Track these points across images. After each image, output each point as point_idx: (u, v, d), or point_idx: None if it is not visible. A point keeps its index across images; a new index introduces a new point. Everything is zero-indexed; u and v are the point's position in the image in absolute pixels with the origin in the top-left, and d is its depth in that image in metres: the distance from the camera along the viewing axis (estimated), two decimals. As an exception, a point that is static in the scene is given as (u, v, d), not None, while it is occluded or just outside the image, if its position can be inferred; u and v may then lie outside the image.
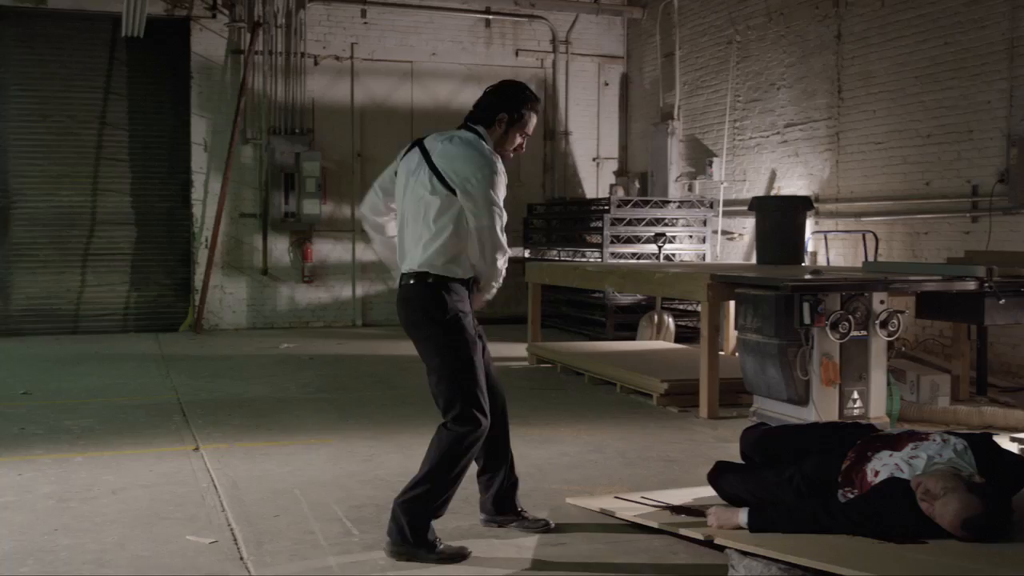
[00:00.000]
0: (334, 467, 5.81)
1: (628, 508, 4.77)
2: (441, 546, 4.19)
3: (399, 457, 6.02)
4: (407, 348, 11.56)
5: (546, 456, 6.09)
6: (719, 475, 4.80)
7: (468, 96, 14.60)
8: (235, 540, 4.44)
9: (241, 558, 4.21)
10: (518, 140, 4.43)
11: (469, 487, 5.25)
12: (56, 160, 13.20)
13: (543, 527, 4.55)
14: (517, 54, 14.93)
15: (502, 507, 4.62)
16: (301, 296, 14.00)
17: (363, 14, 14.19)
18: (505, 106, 4.38)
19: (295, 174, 13.58)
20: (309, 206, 13.49)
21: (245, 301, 13.77)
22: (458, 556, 4.17)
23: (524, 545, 4.37)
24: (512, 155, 4.47)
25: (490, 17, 14.73)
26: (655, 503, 4.79)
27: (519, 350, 10.81)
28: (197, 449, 6.28)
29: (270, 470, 5.73)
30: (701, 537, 4.27)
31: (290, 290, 13.95)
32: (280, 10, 13.73)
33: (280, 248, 13.91)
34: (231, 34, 13.65)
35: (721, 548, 4.15)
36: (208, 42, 13.58)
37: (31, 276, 13.12)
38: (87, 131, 13.35)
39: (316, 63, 14.00)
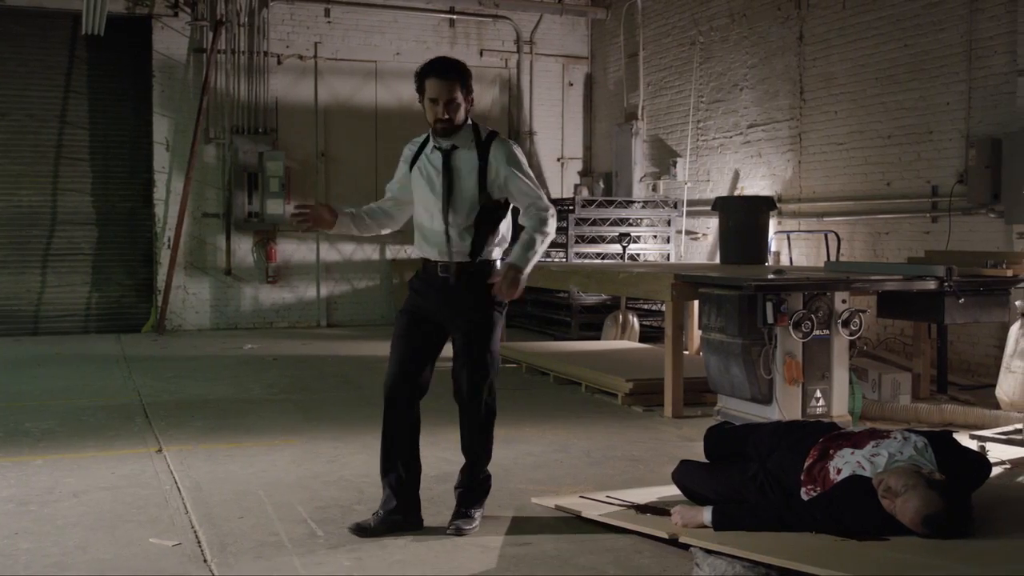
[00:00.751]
0: (298, 468, 5.78)
1: (593, 507, 4.79)
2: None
3: (364, 457, 6.00)
4: (372, 348, 11.58)
5: (511, 456, 6.09)
6: (683, 474, 4.83)
7: (433, 96, 14.66)
8: (199, 542, 4.41)
9: (205, 560, 4.18)
10: (429, 109, 4.50)
11: (435, 487, 5.25)
12: (15, 159, 13.03)
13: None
14: (481, 54, 14.92)
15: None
16: (265, 296, 13.92)
17: (327, 13, 14.13)
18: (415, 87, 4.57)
19: (258, 174, 13.50)
20: (273, 206, 13.41)
21: (208, 302, 13.67)
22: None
23: (489, 545, 4.37)
24: (440, 127, 4.49)
25: (454, 17, 14.71)
26: (620, 502, 4.81)
27: (484, 350, 10.79)
28: (160, 451, 6.23)
29: (234, 471, 5.69)
30: (666, 536, 4.29)
31: (254, 290, 13.86)
32: (243, 9, 13.64)
33: (244, 248, 13.82)
34: (193, 32, 13.54)
35: (686, 547, 4.17)
36: (170, 40, 13.46)
37: (10, 277, 12.93)
38: (46, 130, 13.20)
39: (279, 62, 13.93)
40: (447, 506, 4.89)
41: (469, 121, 4.58)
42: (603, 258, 12.54)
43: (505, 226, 4.64)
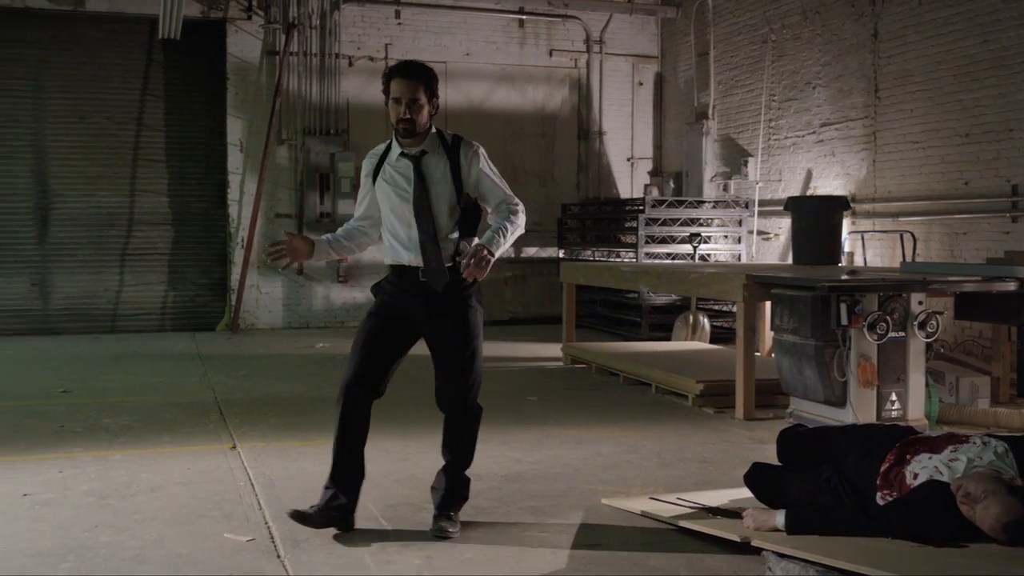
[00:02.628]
0: (368, 466, 5.77)
1: (664, 509, 4.76)
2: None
3: (433, 456, 6.00)
4: (441, 348, 11.54)
5: (581, 456, 6.08)
6: (755, 476, 4.77)
7: (502, 96, 14.74)
8: (272, 538, 4.47)
9: (278, 556, 4.24)
10: (392, 110, 4.52)
11: (505, 487, 5.27)
12: (94, 161, 13.34)
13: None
14: (551, 54, 14.92)
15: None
16: (336, 296, 14.06)
17: (397, 15, 14.23)
18: None
19: (330, 174, 13.66)
20: (344, 206, 13.53)
21: (281, 301, 13.86)
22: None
23: (559, 546, 4.36)
24: (403, 127, 4.50)
25: (524, 17, 14.73)
26: (691, 504, 4.77)
27: (554, 350, 10.81)
28: (234, 447, 6.32)
29: (306, 468, 5.76)
30: (737, 539, 4.25)
31: (325, 290, 14.02)
32: (315, 11, 13.81)
33: (315, 248, 13.93)
34: (266, 35, 13.74)
35: (758, 550, 4.13)
36: (244, 43, 13.67)
37: (70, 276, 13.27)
38: (124, 132, 13.49)
39: (350, 64, 14.06)
40: (517, 506, 4.92)
41: (433, 128, 4.59)
42: (673, 258, 12.46)
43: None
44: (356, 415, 4.57)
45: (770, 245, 12.47)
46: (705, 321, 11.15)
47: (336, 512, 4.51)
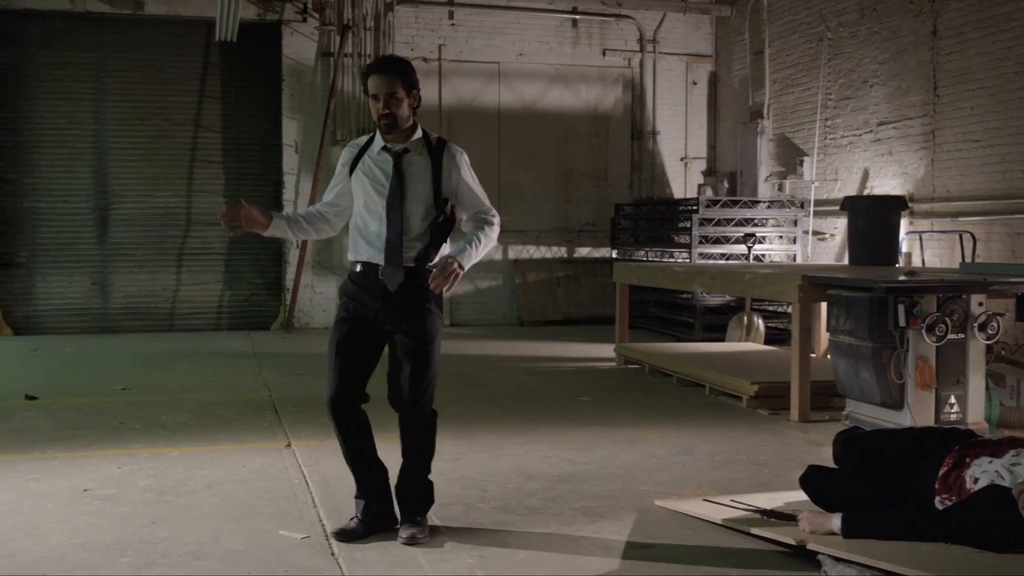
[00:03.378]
0: (422, 465, 5.84)
1: (718, 511, 4.72)
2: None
3: (486, 456, 6.05)
4: (494, 348, 11.66)
5: (634, 457, 6.06)
6: (811, 479, 4.72)
7: (555, 96, 14.73)
8: (326, 535, 4.51)
9: (332, 554, 4.27)
10: (373, 107, 4.47)
11: (558, 487, 5.26)
12: (152, 162, 13.54)
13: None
14: (604, 54, 14.89)
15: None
16: (389, 296, 14.10)
17: (450, 15, 14.28)
18: None
19: (384, 175, 13.70)
20: (397, 206, 13.60)
21: (335, 300, 13.95)
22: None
23: (612, 547, 4.35)
24: (384, 122, 4.45)
25: (577, 17, 14.71)
26: (745, 507, 4.73)
27: (606, 351, 10.79)
28: (289, 445, 6.38)
29: (360, 467, 5.78)
30: (793, 542, 4.21)
31: (378, 290, 14.06)
32: (369, 13, 13.89)
33: (369, 248, 14.02)
34: (321, 37, 13.85)
35: (813, 554, 4.08)
36: (299, 45, 13.80)
37: (129, 275, 13.48)
38: (182, 133, 13.67)
39: (405, 65, 14.09)
40: (570, 507, 4.91)
41: (419, 127, 4.55)
42: (728, 259, 12.37)
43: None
44: (351, 428, 4.52)
45: (826, 245, 12.34)
46: (759, 322, 11.06)
47: (374, 518, 4.51)
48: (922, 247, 10.46)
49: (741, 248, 12.16)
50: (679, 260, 12.71)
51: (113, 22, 13.33)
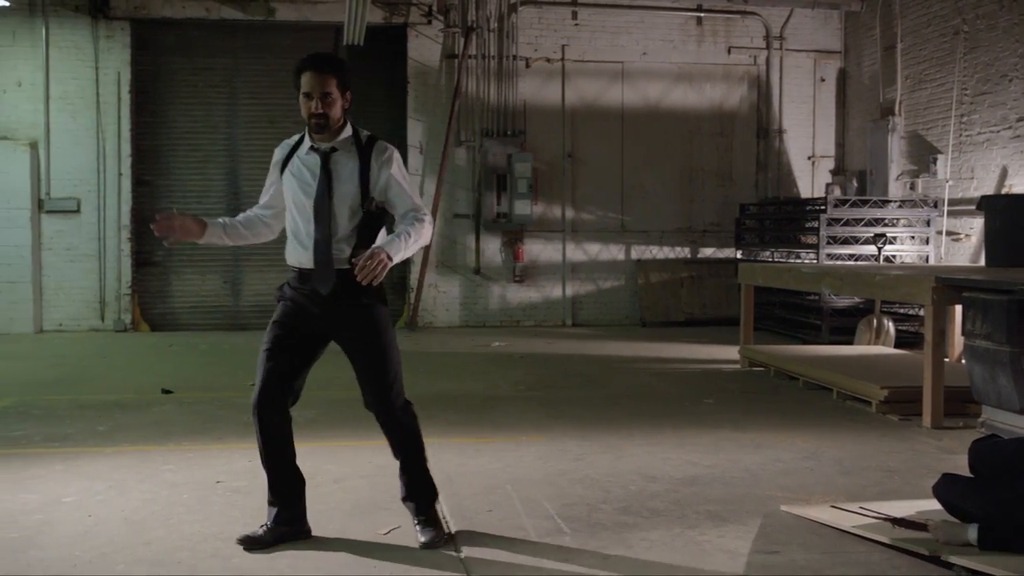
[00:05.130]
0: (545, 465, 5.87)
1: (846, 518, 4.62)
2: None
3: (610, 457, 6.03)
4: (616, 348, 11.62)
5: (759, 461, 5.96)
6: (946, 488, 4.56)
7: (679, 96, 14.60)
8: (449, 533, 4.55)
9: (455, 549, 4.31)
10: (304, 105, 4.35)
11: (682, 490, 5.21)
12: (283, 164, 13.85)
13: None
14: (729, 51, 14.69)
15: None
16: (512, 295, 14.22)
17: (574, 16, 14.28)
18: None
19: (507, 175, 13.83)
20: (521, 207, 13.70)
21: (458, 300, 14.10)
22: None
23: (737, 551, 4.29)
24: (315, 122, 4.33)
25: (702, 15, 14.55)
26: (875, 514, 4.61)
27: (730, 353, 10.64)
28: (413, 443, 6.45)
29: (482, 465, 5.84)
30: (925, 552, 4.08)
31: (502, 289, 14.19)
32: (493, 14, 14.00)
33: (492, 248, 14.17)
34: (445, 39, 14.01)
35: (948, 565, 3.96)
36: (424, 48, 13.99)
37: (259, 274, 13.86)
38: (311, 136, 13.96)
39: (528, 65, 14.19)
40: (694, 510, 4.87)
41: (348, 124, 4.42)
42: (856, 260, 12.07)
43: (383, 235, 4.40)
44: (274, 433, 4.42)
45: (960, 246, 11.93)
46: (890, 325, 10.76)
47: (286, 527, 4.41)
48: (1064, 248, 10.02)
49: (871, 249, 11.85)
50: (806, 261, 12.45)
51: (245, 28, 13.74)
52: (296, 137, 4.53)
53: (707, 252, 14.74)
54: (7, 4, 12.67)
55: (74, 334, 13.12)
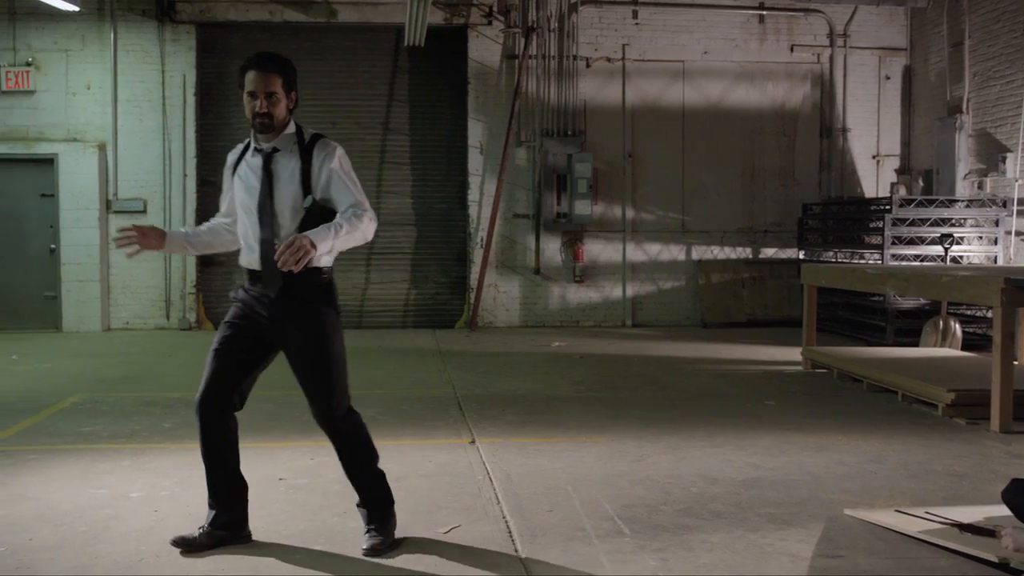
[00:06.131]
0: (604, 465, 5.85)
1: (911, 523, 4.54)
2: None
3: (670, 458, 5.99)
4: (677, 349, 11.55)
5: (822, 464, 5.89)
6: (1014, 493, 4.48)
7: (740, 94, 14.48)
8: (509, 532, 4.56)
9: (516, 550, 4.31)
10: (248, 104, 4.24)
11: (743, 492, 5.16)
12: (344, 164, 13.99)
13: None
14: (792, 50, 14.53)
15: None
16: (572, 295, 14.20)
17: (634, 15, 14.22)
18: None
19: (567, 175, 13.81)
20: (581, 207, 13.67)
21: (518, 300, 14.12)
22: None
23: (800, 555, 4.24)
24: (259, 121, 4.23)
25: (764, 13, 14.41)
26: (941, 519, 4.53)
27: (792, 354, 10.53)
28: (473, 442, 6.48)
29: (542, 465, 5.83)
30: (995, 559, 4.00)
31: (561, 289, 14.18)
32: (553, 14, 13.99)
33: (552, 248, 14.16)
34: (506, 40, 14.03)
35: (1018, 572, 3.88)
36: (484, 48, 14.02)
37: (320, 274, 13.98)
38: (372, 136, 14.11)
39: (588, 65, 14.16)
40: (756, 512, 4.83)
41: (292, 123, 4.33)
42: (922, 260, 11.88)
43: None
44: (215, 434, 4.33)
45: (1030, 246, 11.70)
46: (956, 327, 10.57)
47: (224, 531, 4.38)
48: None
49: (937, 249, 11.65)
50: (870, 261, 12.28)
51: (308, 30, 13.88)
52: (246, 141, 4.45)
53: (768, 252, 14.60)
54: (77, 9, 12.92)
55: (140, 332, 13.37)
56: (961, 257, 11.96)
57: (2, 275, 13.53)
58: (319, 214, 4.24)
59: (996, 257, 11.97)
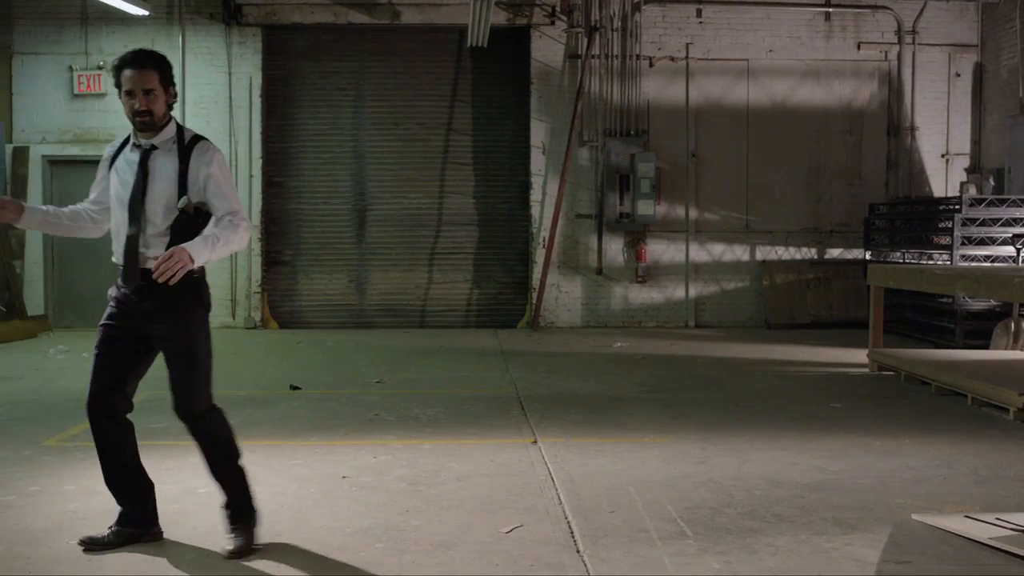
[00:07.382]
0: (667, 467, 5.82)
1: (981, 529, 4.46)
2: None
3: (734, 460, 5.94)
4: (740, 350, 11.47)
5: (889, 468, 5.80)
6: (1089, 499, 4.38)
7: (805, 93, 14.33)
8: (571, 533, 4.55)
9: (577, 551, 4.30)
10: (127, 104, 4.21)
11: (808, 495, 5.10)
12: (407, 165, 14.11)
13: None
14: (859, 47, 14.33)
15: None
16: (634, 296, 14.14)
17: (698, 14, 14.13)
18: None
19: (630, 175, 13.77)
20: (643, 207, 13.62)
21: (580, 300, 14.09)
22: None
23: (866, 560, 4.18)
24: (139, 120, 4.21)
25: (830, 10, 14.23)
26: (1013, 526, 4.44)
27: (858, 356, 10.39)
28: (535, 442, 6.48)
29: (604, 466, 5.82)
30: (1068, 566, 3.91)
31: (623, 290, 14.13)
32: (616, 14, 13.96)
33: (614, 248, 14.12)
34: (568, 39, 14.02)
35: (1092, 580, 3.79)
36: (547, 48, 14.02)
37: (384, 273, 14.12)
38: (435, 137, 14.18)
39: (651, 64, 14.10)
40: (820, 516, 4.77)
41: (172, 122, 4.31)
42: (993, 261, 11.64)
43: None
44: (105, 434, 4.34)
45: (1106, 247, 11.40)
46: (1029, 329, 10.34)
47: (133, 528, 4.40)
48: None
49: (1009, 250, 11.42)
50: (938, 262, 12.06)
51: (372, 32, 14.00)
52: (127, 136, 4.44)
53: (834, 253, 14.41)
54: (146, 13, 13.15)
55: (207, 331, 13.54)
56: (1033, 258, 11.70)
57: (73, 275, 13.83)
58: (193, 215, 4.26)
59: (1070, 258, 11.68)
